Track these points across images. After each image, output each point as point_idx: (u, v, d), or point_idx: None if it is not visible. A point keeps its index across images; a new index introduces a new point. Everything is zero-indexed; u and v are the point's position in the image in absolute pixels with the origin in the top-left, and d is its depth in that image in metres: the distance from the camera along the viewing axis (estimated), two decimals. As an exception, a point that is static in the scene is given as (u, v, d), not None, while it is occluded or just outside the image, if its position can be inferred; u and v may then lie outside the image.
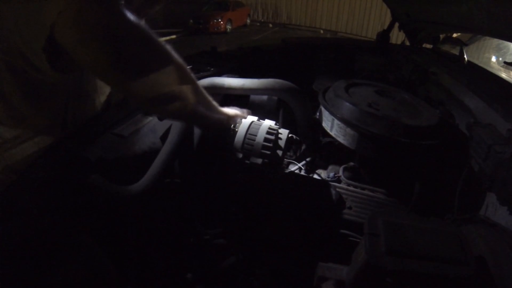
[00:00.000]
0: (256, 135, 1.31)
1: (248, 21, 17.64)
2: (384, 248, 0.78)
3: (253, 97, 1.69)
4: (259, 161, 1.28)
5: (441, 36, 2.67)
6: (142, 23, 0.83)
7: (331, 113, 1.51)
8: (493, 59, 4.68)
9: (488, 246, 0.93)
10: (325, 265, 1.02)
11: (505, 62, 2.78)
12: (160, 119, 1.48)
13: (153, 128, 1.47)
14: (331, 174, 1.59)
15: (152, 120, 1.48)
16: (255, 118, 1.40)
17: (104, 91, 1.33)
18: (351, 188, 1.52)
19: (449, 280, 0.77)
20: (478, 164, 1.26)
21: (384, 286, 0.80)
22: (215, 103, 1.18)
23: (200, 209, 1.60)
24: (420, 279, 0.78)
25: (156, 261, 1.45)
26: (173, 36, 13.68)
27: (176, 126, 1.39)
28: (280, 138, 1.35)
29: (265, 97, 1.67)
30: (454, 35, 2.79)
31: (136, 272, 1.31)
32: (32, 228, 0.93)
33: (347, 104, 1.49)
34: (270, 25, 17.99)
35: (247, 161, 1.30)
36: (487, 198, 1.25)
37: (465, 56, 2.13)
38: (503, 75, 3.85)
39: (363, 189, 1.53)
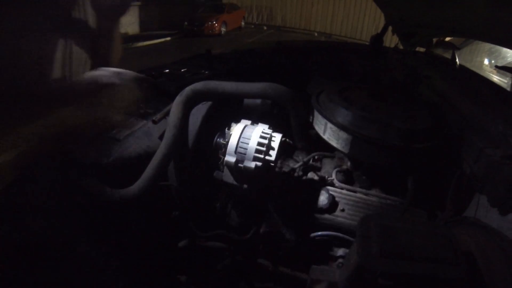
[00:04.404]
0: (249, 139, 1.32)
1: (243, 23, 17.67)
2: (376, 250, 0.79)
3: (247, 100, 1.70)
4: (252, 165, 1.29)
5: (434, 40, 2.69)
6: None
7: (324, 116, 1.52)
8: (486, 62, 4.72)
9: (478, 247, 0.94)
10: (318, 268, 1.03)
11: (496, 66, 2.82)
12: (154, 121, 1.48)
13: (148, 131, 1.47)
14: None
15: (147, 123, 1.48)
16: (248, 122, 1.41)
17: None
18: (344, 191, 1.53)
19: (440, 281, 0.78)
20: (470, 166, 1.28)
21: (376, 288, 0.81)
22: None
23: (195, 211, 1.60)
24: (412, 281, 0.79)
25: (150, 263, 1.45)
26: (168, 38, 13.67)
27: (171, 129, 1.39)
28: (274, 141, 1.36)
29: (258, 101, 1.68)
30: (447, 39, 2.82)
31: (131, 273, 1.31)
32: (29, 230, 0.94)
33: (340, 107, 1.50)
34: (265, 28, 18.03)
35: (240, 165, 1.30)
36: (478, 200, 1.26)
37: (457, 60, 2.15)
38: (495, 78, 3.89)
39: (356, 192, 1.54)
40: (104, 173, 1.26)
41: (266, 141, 1.32)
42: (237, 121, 1.42)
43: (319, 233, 1.43)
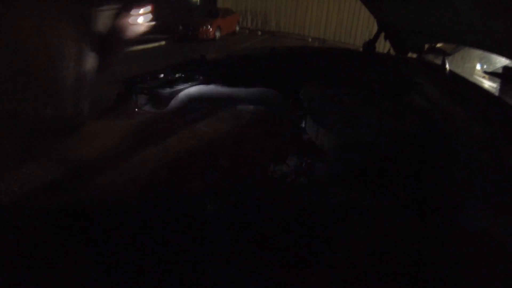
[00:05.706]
0: None
1: (237, 28, 17.68)
2: None
3: (240, 106, 1.72)
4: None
5: (425, 46, 2.73)
6: None
7: (317, 121, 1.54)
8: (478, 67, 4.78)
9: (470, 250, 0.96)
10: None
11: (485, 72, 2.86)
12: None
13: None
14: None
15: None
16: None
17: None
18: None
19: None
20: (460, 169, 1.31)
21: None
22: None
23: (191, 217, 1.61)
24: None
25: (147, 269, 1.45)
26: (163, 43, 13.65)
27: None
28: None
29: (252, 106, 1.70)
30: (438, 45, 2.85)
31: (127, 280, 1.32)
32: (26, 235, 0.94)
33: (332, 112, 1.52)
34: (259, 33, 18.07)
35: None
36: (468, 202, 1.29)
37: (447, 66, 2.19)
38: (486, 83, 3.93)
39: (348, 195, 1.56)
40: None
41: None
42: None
43: None
